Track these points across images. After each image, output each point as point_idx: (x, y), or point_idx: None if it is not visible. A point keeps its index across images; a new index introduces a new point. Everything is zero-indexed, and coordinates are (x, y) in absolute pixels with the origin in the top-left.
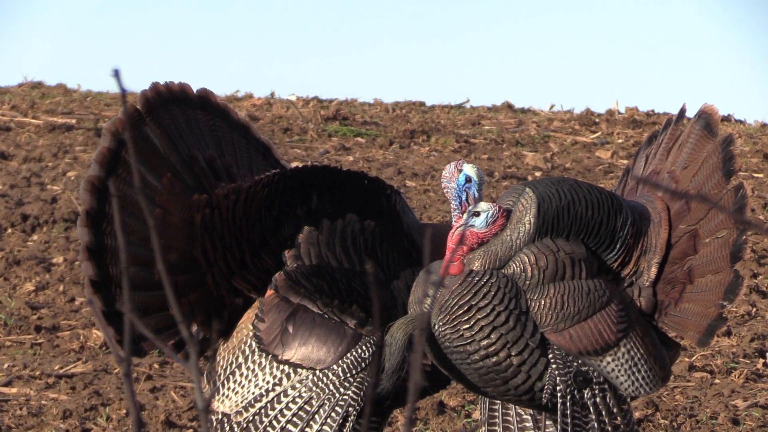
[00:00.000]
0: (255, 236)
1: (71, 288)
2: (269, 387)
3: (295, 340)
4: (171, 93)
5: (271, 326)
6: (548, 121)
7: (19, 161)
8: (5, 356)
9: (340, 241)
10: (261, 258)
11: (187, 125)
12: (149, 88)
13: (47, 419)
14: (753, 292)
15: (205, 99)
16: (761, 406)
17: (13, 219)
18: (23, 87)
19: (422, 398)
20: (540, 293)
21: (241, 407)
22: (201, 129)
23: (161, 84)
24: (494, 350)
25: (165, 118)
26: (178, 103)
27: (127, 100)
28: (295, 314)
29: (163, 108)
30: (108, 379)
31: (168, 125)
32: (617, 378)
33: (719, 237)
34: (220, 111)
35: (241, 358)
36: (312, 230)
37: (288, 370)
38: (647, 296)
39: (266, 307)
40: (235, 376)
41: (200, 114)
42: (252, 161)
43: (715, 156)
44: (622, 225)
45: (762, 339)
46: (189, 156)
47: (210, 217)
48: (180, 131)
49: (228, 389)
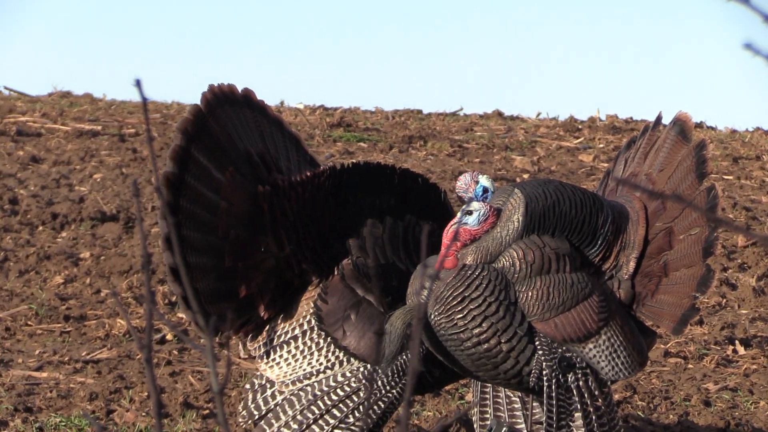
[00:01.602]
0: (323, 223)
1: (97, 281)
2: (321, 368)
3: (356, 330)
4: (224, 94)
5: (334, 309)
6: (535, 127)
7: (49, 164)
8: (36, 343)
9: (403, 243)
10: (328, 244)
11: (239, 123)
12: (208, 90)
13: (75, 401)
14: (723, 285)
15: (248, 98)
16: (731, 389)
17: (44, 217)
18: (53, 96)
19: (420, 393)
20: (527, 285)
21: (289, 379)
22: (249, 125)
23: (216, 86)
24: (485, 338)
25: (222, 117)
26: (230, 103)
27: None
28: (359, 305)
29: (220, 108)
30: (131, 364)
31: (226, 124)
32: (598, 363)
33: (692, 234)
34: (261, 108)
35: (298, 331)
36: (376, 223)
37: (342, 357)
38: (626, 288)
39: (330, 290)
40: (290, 346)
41: (247, 111)
42: (288, 153)
43: (688, 159)
44: (603, 223)
45: (731, 328)
46: (245, 151)
47: (280, 206)
48: (235, 129)
49: (280, 357)
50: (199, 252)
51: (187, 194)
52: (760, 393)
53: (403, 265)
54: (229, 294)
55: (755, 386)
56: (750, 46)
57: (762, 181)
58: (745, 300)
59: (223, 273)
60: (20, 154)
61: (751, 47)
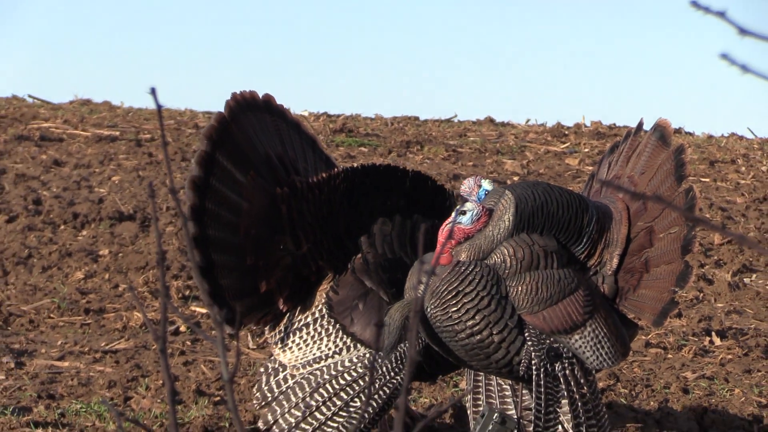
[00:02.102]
0: (338, 223)
1: (115, 276)
2: (330, 353)
3: (363, 318)
4: (245, 100)
5: (344, 300)
6: (524, 133)
7: (71, 167)
8: (58, 335)
9: (410, 239)
10: (342, 242)
11: (260, 128)
12: (231, 97)
13: (95, 389)
14: (701, 280)
15: (268, 103)
16: (707, 378)
17: (66, 217)
18: (74, 104)
19: (419, 380)
20: (517, 280)
21: (299, 362)
22: (269, 130)
23: (239, 93)
24: (478, 329)
25: (244, 123)
26: (251, 109)
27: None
28: (366, 295)
29: (242, 114)
30: (147, 354)
31: (247, 129)
32: (584, 353)
33: (672, 232)
34: (280, 112)
35: (310, 319)
36: (386, 221)
37: (350, 343)
38: (610, 283)
39: (342, 282)
40: (302, 332)
41: (267, 116)
42: (305, 154)
43: (668, 163)
44: (588, 222)
45: (708, 320)
46: (265, 155)
47: (297, 207)
48: (256, 133)
49: (292, 342)
50: (223, 251)
51: (212, 196)
52: (735, 381)
53: (409, 260)
54: (251, 290)
55: (730, 375)
56: (726, 56)
57: (737, 184)
58: (721, 294)
59: (245, 270)
60: (43, 158)
61: (727, 57)
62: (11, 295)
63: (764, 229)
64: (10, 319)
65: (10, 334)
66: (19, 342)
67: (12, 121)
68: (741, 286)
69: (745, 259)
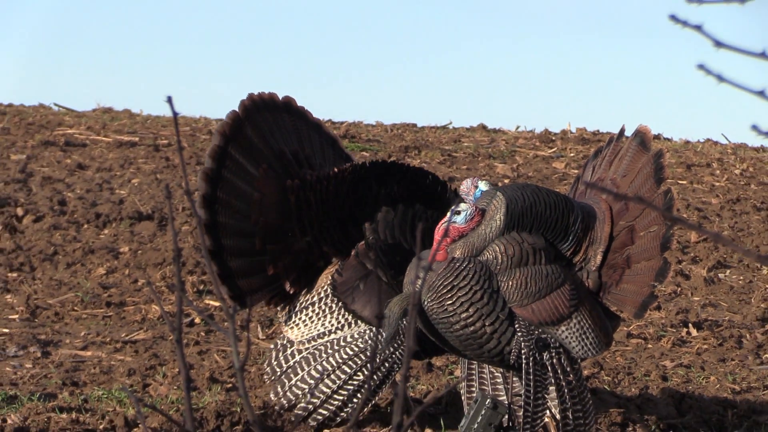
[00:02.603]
0: (343, 212)
1: (135, 272)
2: (333, 329)
3: (363, 297)
4: (262, 100)
5: (347, 281)
6: (515, 138)
7: (93, 171)
8: (82, 326)
9: (410, 227)
10: (347, 229)
11: (275, 125)
12: (246, 97)
13: (115, 376)
14: (678, 275)
15: (288, 104)
16: (685, 366)
17: (89, 217)
18: (96, 112)
19: (417, 360)
20: (508, 276)
21: (305, 338)
22: (287, 128)
23: (255, 94)
24: (472, 321)
25: (259, 121)
26: (268, 108)
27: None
28: (367, 276)
29: (257, 113)
30: (164, 344)
31: (262, 126)
32: (570, 343)
33: (651, 231)
34: (300, 113)
35: (316, 298)
36: (389, 210)
37: (351, 320)
38: (594, 278)
39: (346, 265)
40: (308, 311)
41: (285, 116)
42: (324, 152)
43: (648, 166)
44: (574, 221)
45: (685, 312)
46: (279, 150)
47: (305, 197)
48: (271, 130)
49: (299, 320)
50: (234, 236)
51: (223, 187)
52: (710, 369)
53: (408, 245)
54: (259, 271)
55: (706, 363)
56: (703, 66)
57: (712, 186)
58: (697, 288)
59: (254, 254)
60: (68, 162)
61: (703, 68)
62: (38, 290)
63: (737, 228)
64: (36, 312)
65: (37, 326)
66: (45, 333)
67: (39, 128)
68: (716, 281)
69: (720, 255)
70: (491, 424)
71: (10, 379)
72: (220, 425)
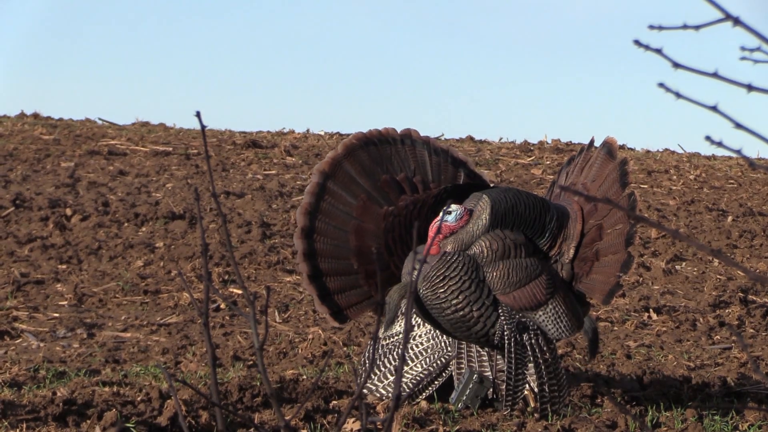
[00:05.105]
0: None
1: (168, 264)
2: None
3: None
4: (368, 138)
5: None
6: (498, 148)
7: (133, 176)
8: (122, 311)
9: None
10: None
11: (380, 158)
12: (353, 136)
13: (151, 354)
14: (640, 267)
15: (406, 135)
16: (646, 346)
17: (129, 216)
18: (135, 125)
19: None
20: (493, 267)
21: (387, 334)
22: (400, 157)
23: (362, 133)
24: (461, 307)
25: (362, 156)
26: (374, 143)
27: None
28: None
29: (361, 148)
30: (194, 327)
31: (363, 161)
32: (546, 326)
33: (617, 228)
34: (423, 142)
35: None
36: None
37: (419, 321)
38: (567, 270)
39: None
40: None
41: (399, 146)
42: (445, 175)
43: (614, 173)
44: (550, 220)
45: (647, 299)
46: (380, 180)
47: (392, 222)
48: (374, 163)
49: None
50: (332, 259)
51: (322, 218)
52: (669, 348)
53: None
54: (356, 287)
55: (665, 343)
56: (662, 84)
57: (669, 189)
58: (657, 278)
59: (351, 272)
60: (110, 169)
61: (663, 86)
62: (84, 279)
63: (692, 226)
64: (83, 299)
65: (83, 311)
66: (90, 317)
67: (85, 139)
68: (673, 272)
69: (677, 250)
70: (478, 396)
71: (59, 357)
72: (242, 397)
